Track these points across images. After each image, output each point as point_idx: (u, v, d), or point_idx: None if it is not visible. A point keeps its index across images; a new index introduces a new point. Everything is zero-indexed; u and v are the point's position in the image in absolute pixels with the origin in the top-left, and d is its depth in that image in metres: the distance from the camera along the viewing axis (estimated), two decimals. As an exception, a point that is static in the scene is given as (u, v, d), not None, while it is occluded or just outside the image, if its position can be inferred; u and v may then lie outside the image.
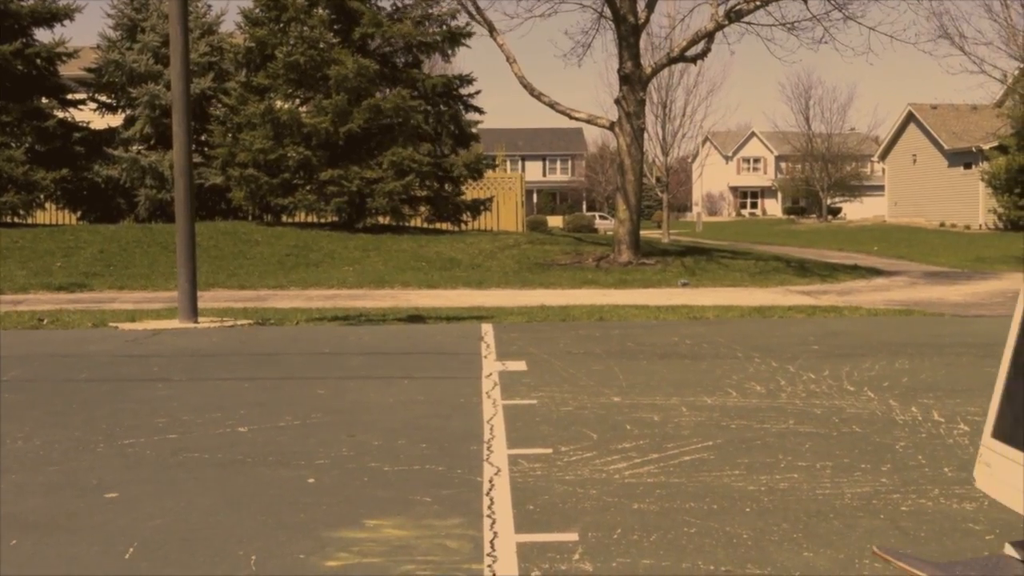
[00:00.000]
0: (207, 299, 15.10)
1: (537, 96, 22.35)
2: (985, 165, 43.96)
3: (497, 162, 36.84)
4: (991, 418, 3.52)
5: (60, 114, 27.35)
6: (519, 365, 9.23)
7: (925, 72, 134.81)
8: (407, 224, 26.66)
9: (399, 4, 26.31)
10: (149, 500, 5.05)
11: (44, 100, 27.24)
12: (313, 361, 9.79)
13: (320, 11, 25.04)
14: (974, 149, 45.81)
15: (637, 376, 8.63)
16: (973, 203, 46.38)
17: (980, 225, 45.29)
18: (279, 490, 5.22)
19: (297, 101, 25.85)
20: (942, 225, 47.56)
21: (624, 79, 21.27)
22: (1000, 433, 3.44)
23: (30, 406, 7.51)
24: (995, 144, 42.68)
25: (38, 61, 26.46)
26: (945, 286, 19.13)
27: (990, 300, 16.15)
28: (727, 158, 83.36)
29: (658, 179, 45.93)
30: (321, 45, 24.44)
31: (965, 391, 7.87)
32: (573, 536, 4.47)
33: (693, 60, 23.16)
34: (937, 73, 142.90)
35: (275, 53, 24.61)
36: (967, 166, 47.38)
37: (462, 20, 25.20)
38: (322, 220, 26.31)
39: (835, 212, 68.21)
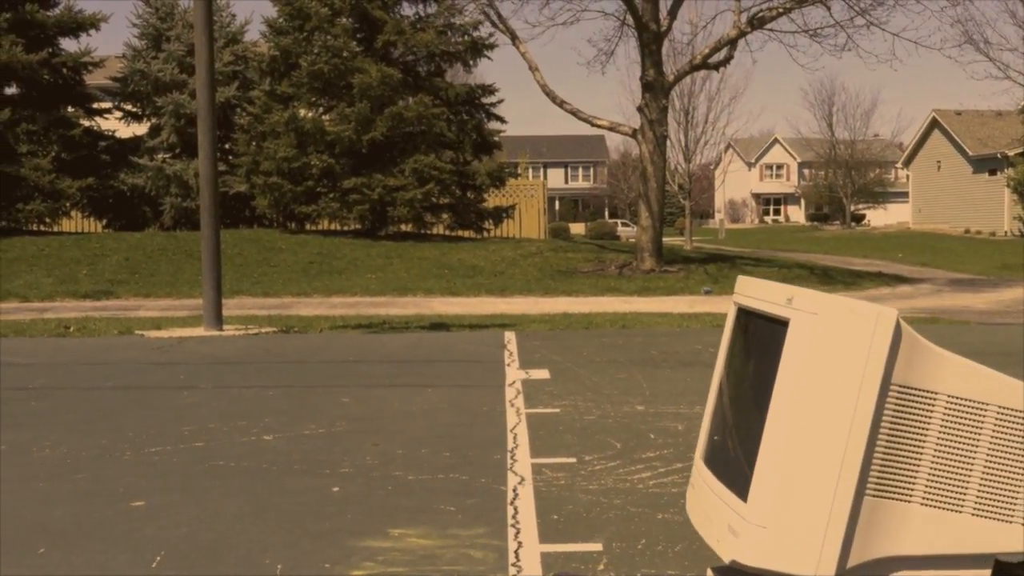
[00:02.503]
0: (232, 307, 15.18)
1: (559, 104, 22.37)
2: (1010, 171, 43.66)
3: (519, 169, 36.96)
4: (700, 441, 3.46)
5: (86, 123, 27.60)
6: (542, 373, 9.24)
7: (949, 78, 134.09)
8: (429, 232, 26.73)
9: (422, 13, 26.42)
10: (176, 508, 5.09)
11: (70, 109, 27.51)
12: (337, 369, 9.82)
13: (343, 20, 25.17)
14: (999, 155, 45.52)
15: (661, 385, 8.62)
16: (998, 210, 46.08)
17: (1005, 232, 44.98)
18: (304, 499, 5.25)
19: (320, 109, 25.98)
20: (967, 232, 47.26)
21: (646, 87, 21.26)
22: (703, 456, 3.38)
23: (57, 414, 7.57)
24: (1020, 150, 42.41)
25: (64, 70, 26.73)
26: (971, 294, 19.00)
27: (1016, 308, 16.03)
28: (750, 165, 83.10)
29: (680, 186, 45.84)
30: (344, 54, 24.55)
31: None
32: (597, 546, 4.46)
33: (715, 67, 23.12)
34: (961, 79, 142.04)
35: (299, 62, 24.75)
36: (992, 172, 47.07)
37: (484, 31, 25.31)
38: (345, 228, 26.41)
39: (859, 219, 67.88)
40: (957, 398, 2.91)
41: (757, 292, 3.13)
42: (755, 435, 2.86)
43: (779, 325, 2.88)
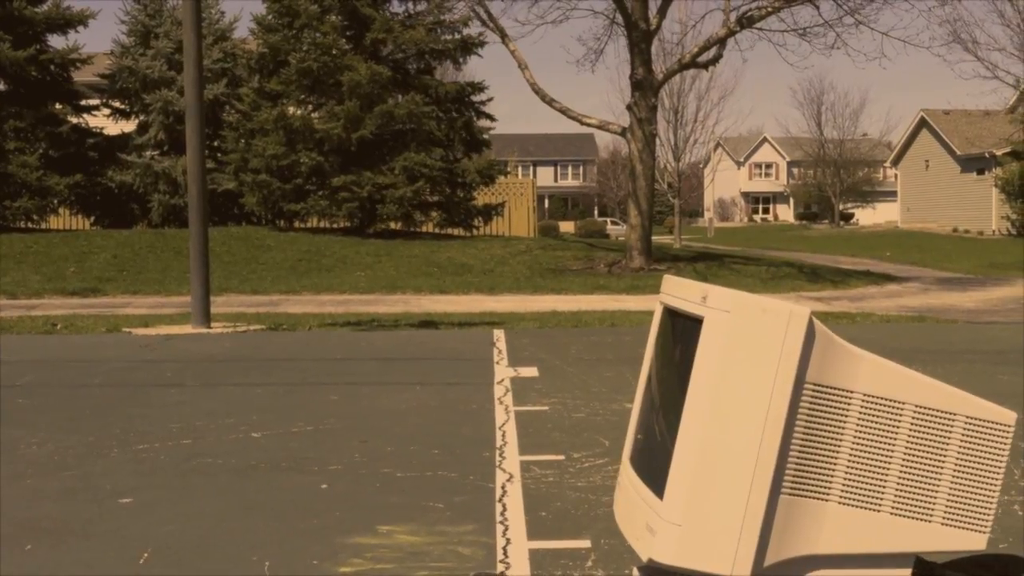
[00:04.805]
0: (220, 304, 15.14)
1: (549, 102, 22.37)
2: (998, 171, 43.83)
3: (509, 167, 36.95)
4: (627, 440, 3.44)
5: (74, 120, 27.53)
6: (531, 371, 9.24)
7: (938, 77, 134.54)
8: (419, 230, 26.72)
9: (411, 11, 26.40)
10: (163, 505, 5.07)
11: (58, 106, 27.42)
12: (326, 366, 9.81)
13: (333, 17, 25.14)
14: (987, 155, 45.68)
15: (649, 382, 8.61)
16: (986, 209, 46.24)
17: (993, 231, 45.14)
18: (292, 496, 5.24)
19: (310, 107, 25.94)
20: (955, 231, 47.41)
21: (636, 85, 21.28)
22: (628, 455, 3.36)
23: (44, 411, 7.55)
24: (1008, 150, 42.55)
25: (52, 67, 26.65)
26: (958, 292, 19.07)
27: (1003, 307, 16.09)
28: (739, 163, 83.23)
29: (670, 185, 45.89)
30: (334, 51, 24.51)
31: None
32: (586, 543, 4.47)
33: (705, 66, 23.16)
34: (950, 79, 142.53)
35: (288, 59, 24.71)
36: (980, 172, 47.24)
37: (474, 28, 25.31)
38: (334, 225, 26.38)
39: (847, 218, 68.08)
40: (873, 396, 2.90)
41: (678, 291, 3.13)
42: (674, 433, 2.85)
43: (696, 323, 2.88)
